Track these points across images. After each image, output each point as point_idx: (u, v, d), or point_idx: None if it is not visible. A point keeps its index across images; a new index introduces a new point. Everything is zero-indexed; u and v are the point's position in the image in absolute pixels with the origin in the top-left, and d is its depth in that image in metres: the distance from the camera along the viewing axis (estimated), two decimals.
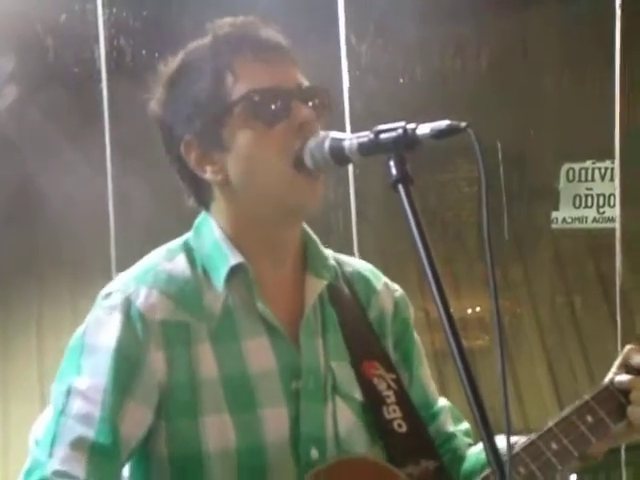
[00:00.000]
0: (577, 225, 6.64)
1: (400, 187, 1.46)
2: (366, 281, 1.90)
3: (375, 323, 1.87)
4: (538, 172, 7.00)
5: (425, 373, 1.94)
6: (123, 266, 1.83)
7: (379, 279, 1.93)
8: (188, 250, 1.76)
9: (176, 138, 1.73)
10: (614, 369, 1.83)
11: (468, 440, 1.91)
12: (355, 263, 1.94)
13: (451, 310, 1.41)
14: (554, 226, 6.83)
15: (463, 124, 1.43)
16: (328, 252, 1.86)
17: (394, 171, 1.47)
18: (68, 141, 5.69)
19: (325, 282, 1.79)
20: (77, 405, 1.62)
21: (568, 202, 6.61)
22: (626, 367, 1.84)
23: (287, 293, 1.78)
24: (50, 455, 1.60)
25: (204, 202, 1.78)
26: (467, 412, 1.93)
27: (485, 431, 1.33)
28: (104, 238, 4.90)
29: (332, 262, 1.83)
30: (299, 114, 1.67)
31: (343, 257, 1.92)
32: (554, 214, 6.73)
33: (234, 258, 1.70)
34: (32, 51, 5.76)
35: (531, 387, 7.24)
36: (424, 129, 1.47)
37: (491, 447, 1.33)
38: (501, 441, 1.34)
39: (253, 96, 1.67)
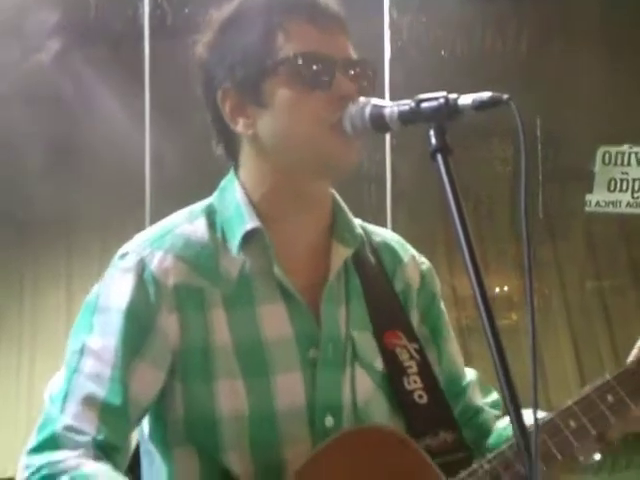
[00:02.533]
0: (611, 209, 6.58)
1: (439, 157, 1.44)
2: (393, 252, 1.89)
3: (401, 293, 1.86)
4: (574, 154, 6.93)
5: (453, 347, 1.93)
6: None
7: (406, 251, 1.91)
8: (210, 213, 1.75)
9: (216, 84, 1.72)
10: (637, 350, 1.81)
11: (495, 412, 1.91)
12: (383, 233, 1.92)
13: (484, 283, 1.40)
14: (587, 209, 6.78)
15: (505, 96, 1.42)
16: (357, 221, 1.84)
17: (433, 141, 1.46)
18: (108, 97, 5.70)
19: (351, 250, 1.78)
20: (89, 364, 1.64)
21: (603, 185, 6.55)
22: None
23: (312, 258, 1.77)
24: (62, 411, 1.62)
25: (232, 154, 1.78)
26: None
27: (513, 405, 1.32)
28: (139, 195, 4.93)
29: (359, 231, 1.82)
30: (342, 86, 1.66)
31: (371, 226, 1.91)
32: (588, 197, 6.67)
33: (250, 223, 1.70)
34: (76, 6, 5.77)
35: (556, 370, 7.20)
36: (466, 100, 1.46)
37: (518, 422, 1.32)
38: (527, 416, 1.33)
39: (300, 59, 1.66)
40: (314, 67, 1.66)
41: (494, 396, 1.93)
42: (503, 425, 1.86)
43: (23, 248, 7.08)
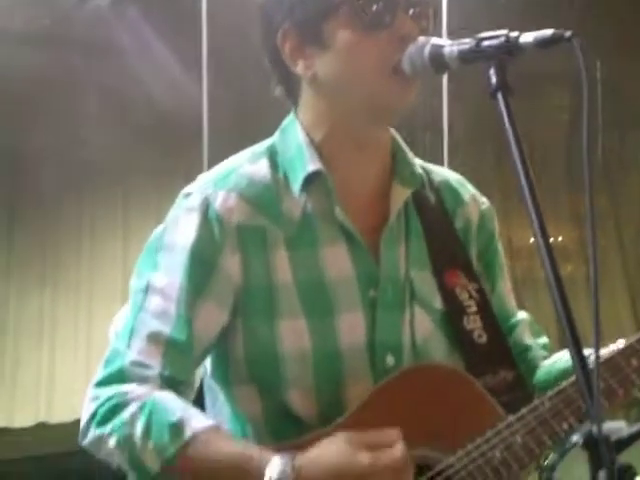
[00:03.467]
0: None
1: (499, 96, 1.41)
2: (454, 191, 1.88)
3: (460, 233, 1.85)
4: (634, 102, 6.86)
5: (506, 285, 1.93)
6: None
7: (467, 190, 1.91)
8: (272, 153, 1.75)
9: (275, 25, 1.71)
10: None
11: (544, 353, 1.90)
12: (444, 172, 1.92)
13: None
14: None
15: (568, 33, 1.39)
16: (417, 161, 1.84)
17: (494, 79, 1.42)
18: (164, 46, 5.72)
19: (411, 190, 1.78)
20: (154, 301, 1.66)
21: None
22: None
23: (372, 200, 1.77)
24: (128, 346, 1.65)
25: (292, 95, 1.77)
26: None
27: (574, 342, 1.31)
28: (196, 143, 4.95)
29: (420, 170, 1.81)
30: (403, 26, 1.64)
31: (432, 166, 1.90)
32: None
33: (312, 164, 1.69)
34: None
35: (613, 321, 7.18)
36: (527, 37, 1.42)
37: (580, 359, 1.31)
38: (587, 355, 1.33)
39: None
40: (375, 6, 1.64)
41: (544, 339, 1.93)
42: (551, 362, 1.86)
43: (81, 197, 7.17)
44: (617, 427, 1.47)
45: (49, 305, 7.19)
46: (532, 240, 1.41)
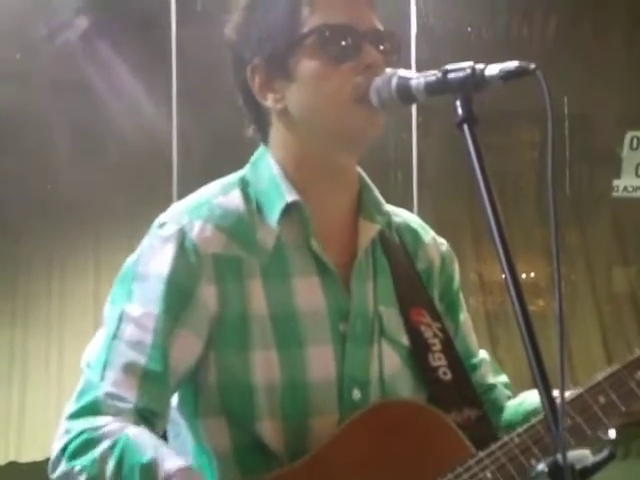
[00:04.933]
0: (638, 194, 6.59)
1: (465, 127, 1.44)
2: (414, 233, 1.91)
3: (423, 274, 1.89)
4: (602, 137, 6.93)
5: (468, 324, 1.96)
6: None
7: (427, 232, 1.94)
8: (244, 185, 1.77)
9: (245, 61, 1.74)
10: None
11: (507, 392, 1.94)
12: (404, 214, 1.95)
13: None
14: (615, 194, 6.76)
15: (532, 65, 1.41)
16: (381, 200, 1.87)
17: (460, 111, 1.45)
18: (135, 82, 5.74)
19: (379, 227, 1.81)
20: (129, 331, 1.66)
21: (630, 170, 6.56)
22: None
23: (341, 235, 1.79)
24: (102, 378, 1.64)
25: (263, 130, 1.80)
26: (517, 373, 1.95)
27: (542, 380, 1.33)
28: (166, 181, 4.97)
29: (387, 208, 1.84)
30: (368, 56, 1.68)
31: (393, 207, 1.92)
32: (615, 182, 6.67)
33: (290, 195, 1.72)
34: None
35: (584, 356, 7.21)
36: (493, 70, 1.45)
37: (547, 396, 1.33)
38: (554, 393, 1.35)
39: (325, 30, 1.68)
40: (340, 38, 1.68)
41: (504, 378, 1.97)
42: (518, 401, 1.90)
43: (51, 234, 7.15)
44: (582, 455, 1.49)
45: (20, 341, 7.16)
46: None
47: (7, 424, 7.04)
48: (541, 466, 1.31)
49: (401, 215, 1.93)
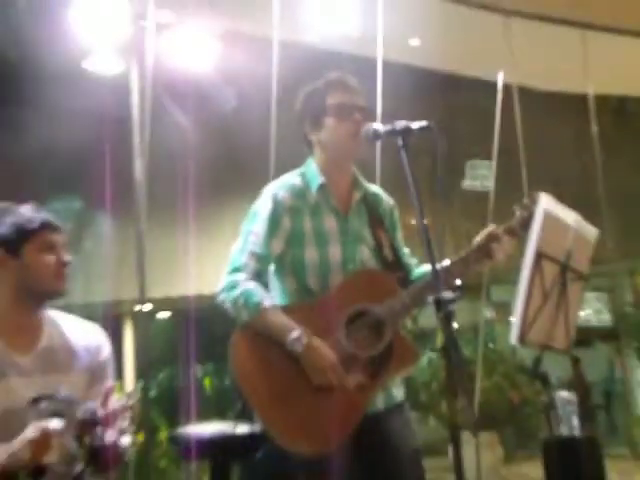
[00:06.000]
0: None
1: (402, 151, 2.86)
2: (379, 196, 3.54)
3: (382, 214, 3.49)
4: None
5: (400, 236, 3.57)
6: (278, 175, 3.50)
7: (384, 195, 3.55)
8: (302, 174, 3.43)
9: (302, 121, 3.43)
10: (483, 235, 3.33)
11: (415, 265, 3.58)
12: (374, 188, 3.56)
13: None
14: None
15: (432, 124, 2.90)
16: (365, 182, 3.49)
17: (400, 142, 2.87)
18: None
19: (362, 193, 3.44)
20: (252, 238, 3.29)
21: None
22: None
23: (345, 197, 3.38)
24: (241, 256, 3.26)
25: (310, 149, 3.46)
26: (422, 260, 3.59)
27: (433, 265, 2.79)
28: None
29: (365, 184, 3.45)
30: (358, 119, 3.28)
31: (369, 184, 3.53)
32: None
33: (321, 179, 3.36)
34: None
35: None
36: (415, 124, 2.91)
37: (433, 267, 2.79)
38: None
39: (338, 105, 3.34)
40: (345, 109, 3.32)
41: (415, 260, 3.59)
42: (420, 270, 3.51)
43: None
44: (449, 296, 2.68)
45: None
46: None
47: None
48: (431, 298, 2.69)
49: (372, 188, 3.52)
